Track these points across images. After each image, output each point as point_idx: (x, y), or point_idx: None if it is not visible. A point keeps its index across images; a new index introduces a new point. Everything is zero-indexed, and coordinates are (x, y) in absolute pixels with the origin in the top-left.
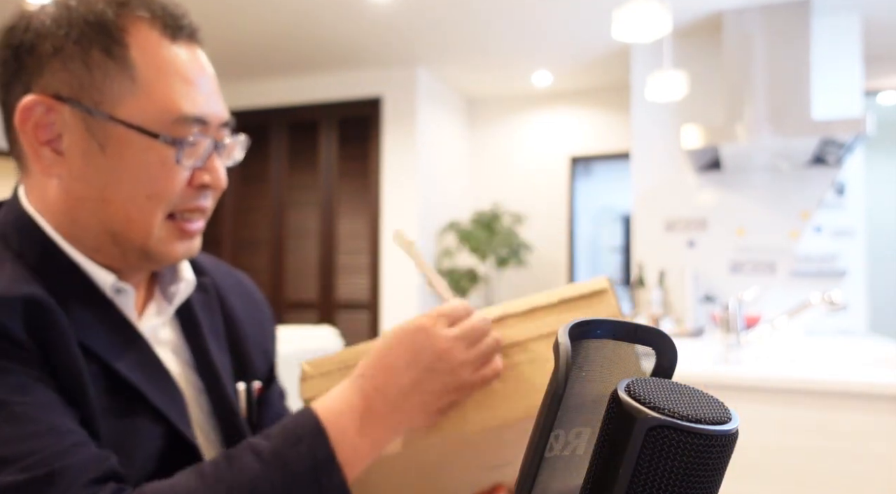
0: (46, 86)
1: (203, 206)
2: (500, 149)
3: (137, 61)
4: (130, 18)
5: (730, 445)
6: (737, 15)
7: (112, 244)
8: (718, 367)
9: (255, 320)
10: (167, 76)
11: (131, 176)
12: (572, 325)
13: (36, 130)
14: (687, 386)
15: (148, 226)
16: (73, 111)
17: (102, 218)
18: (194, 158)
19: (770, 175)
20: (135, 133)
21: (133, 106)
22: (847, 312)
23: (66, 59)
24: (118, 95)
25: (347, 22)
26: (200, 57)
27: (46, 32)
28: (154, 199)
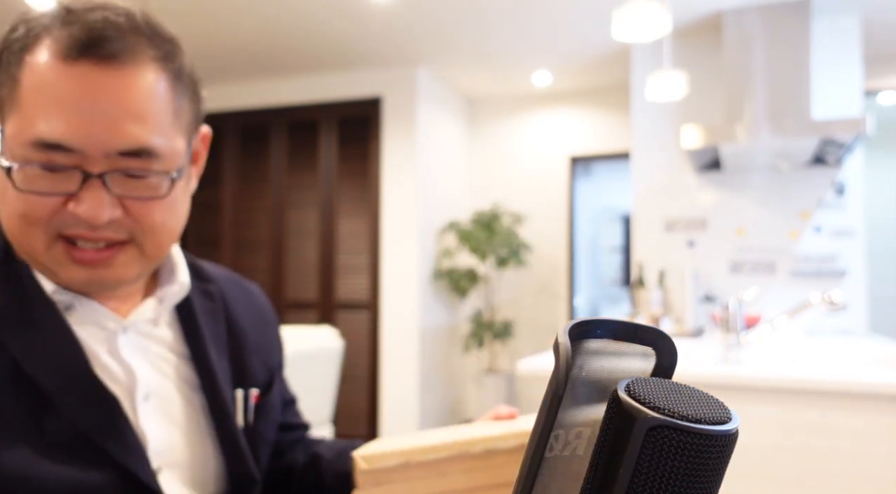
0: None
1: (91, 235)
2: (500, 149)
3: (23, 81)
4: (38, 37)
5: (730, 445)
6: (736, 15)
7: (27, 260)
8: (718, 367)
9: (260, 332)
10: (38, 97)
11: (1, 195)
12: (572, 325)
13: None
14: (687, 386)
15: (30, 246)
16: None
17: (9, 237)
18: (51, 186)
19: (770, 175)
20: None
21: (11, 125)
22: (847, 312)
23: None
24: (7, 114)
25: (347, 22)
26: (109, 80)
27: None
28: (24, 219)
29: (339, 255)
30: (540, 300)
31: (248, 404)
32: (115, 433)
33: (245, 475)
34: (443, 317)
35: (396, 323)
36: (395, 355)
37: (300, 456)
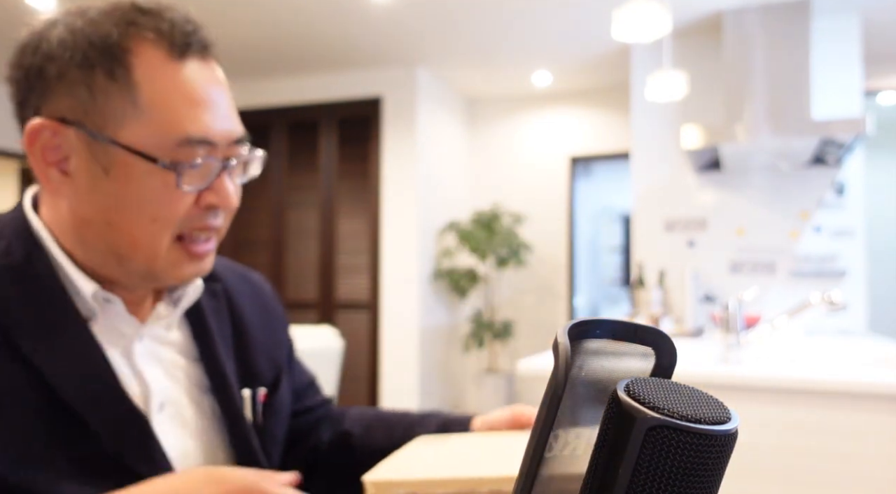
0: (53, 109)
1: (212, 225)
2: (500, 149)
3: (141, 83)
4: (136, 39)
5: (729, 445)
6: (736, 15)
7: (116, 264)
8: (718, 367)
9: (265, 328)
10: (171, 98)
11: (135, 200)
12: (571, 325)
13: (43, 152)
14: (687, 386)
15: (154, 249)
16: (79, 134)
17: (108, 240)
18: (199, 180)
19: (770, 175)
20: (136, 157)
21: (136, 129)
22: (847, 312)
23: (70, 84)
24: (121, 119)
25: (347, 22)
26: (213, 73)
27: (53, 55)
28: (158, 222)
29: (339, 255)
30: (540, 300)
31: (257, 403)
32: (143, 449)
33: None
34: (443, 317)
35: (396, 323)
36: (395, 355)
37: (325, 434)
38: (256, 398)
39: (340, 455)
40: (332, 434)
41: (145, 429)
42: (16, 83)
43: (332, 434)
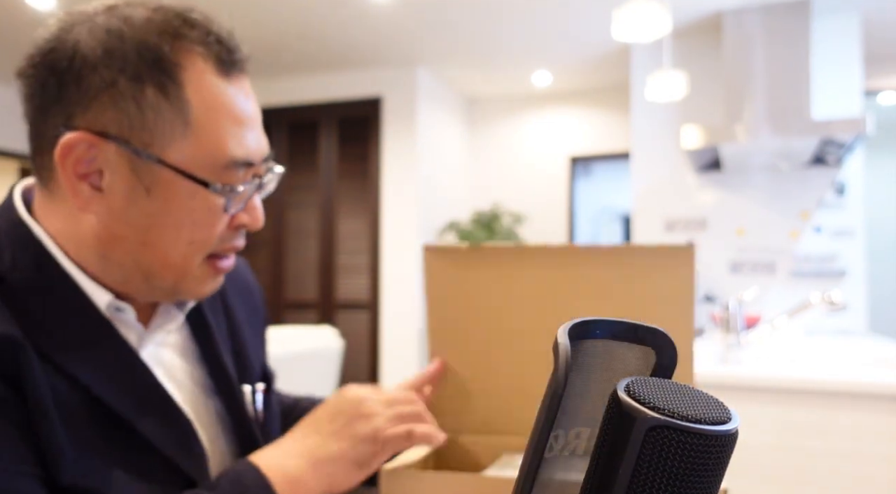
0: (93, 121)
1: (239, 246)
2: (500, 149)
3: (192, 101)
4: (185, 53)
5: (730, 445)
6: (736, 15)
7: (142, 281)
8: (718, 367)
9: (251, 316)
10: (219, 117)
11: (176, 221)
12: (572, 325)
13: (76, 165)
14: (687, 386)
15: (186, 268)
16: (119, 150)
17: (139, 258)
18: (239, 203)
19: (770, 175)
20: (183, 178)
21: (183, 149)
22: (847, 312)
23: (117, 96)
24: (169, 137)
25: (347, 22)
26: (248, 88)
27: (97, 63)
28: (195, 245)
29: (339, 255)
30: None
31: (257, 400)
32: (188, 447)
33: None
34: None
35: (396, 323)
36: (395, 355)
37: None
38: (256, 394)
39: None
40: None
41: (189, 428)
42: (39, 85)
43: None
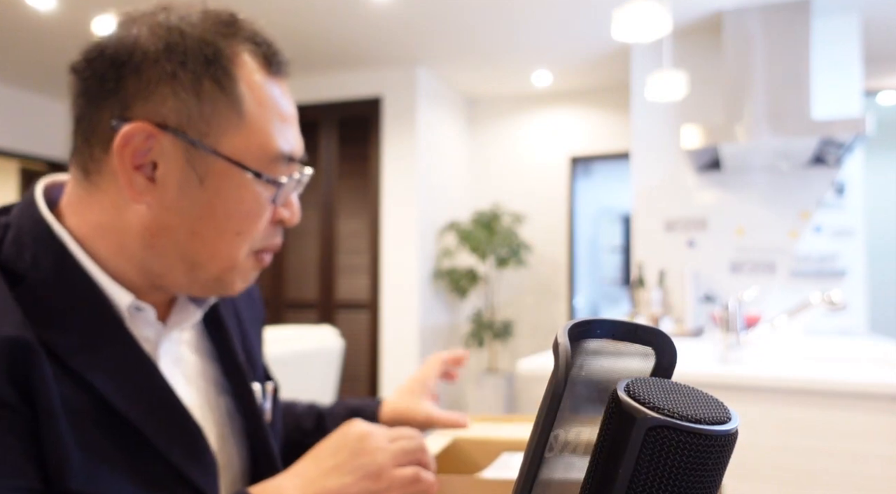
0: (152, 112)
1: (278, 244)
2: (500, 149)
3: (244, 95)
4: (237, 50)
5: (729, 445)
6: (736, 15)
7: (184, 272)
8: (718, 367)
9: (253, 320)
10: (267, 112)
11: (225, 211)
12: (572, 325)
13: (133, 156)
14: (687, 386)
15: (232, 259)
16: (175, 141)
17: (186, 249)
18: (283, 197)
19: (770, 175)
20: (235, 168)
21: (236, 141)
22: (847, 312)
23: (177, 88)
24: (224, 129)
25: (347, 22)
26: (289, 93)
27: (158, 56)
28: (242, 235)
29: (339, 255)
30: (540, 300)
31: (267, 399)
32: (198, 458)
33: (271, 474)
34: (443, 317)
35: (396, 323)
36: (395, 355)
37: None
38: (267, 392)
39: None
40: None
41: (199, 436)
42: (97, 78)
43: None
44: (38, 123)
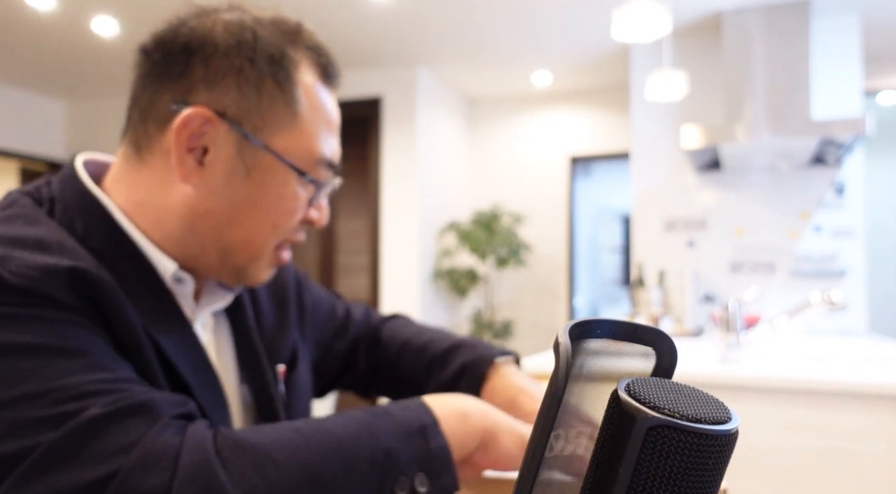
0: (215, 100)
1: (302, 239)
2: (500, 149)
3: (300, 99)
4: (300, 56)
5: (730, 445)
6: (736, 15)
7: (217, 257)
8: (718, 367)
9: (277, 305)
10: (318, 118)
11: (266, 204)
12: (572, 325)
13: (189, 138)
14: (687, 386)
15: (262, 250)
16: (230, 131)
17: (222, 234)
18: (319, 199)
19: (770, 175)
20: (281, 165)
21: (286, 140)
22: (847, 312)
23: (242, 81)
24: (277, 127)
25: (347, 22)
26: (336, 103)
27: (229, 50)
28: (276, 229)
29: (339, 255)
30: (540, 300)
31: (278, 382)
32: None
33: None
34: (443, 317)
35: None
36: None
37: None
38: (277, 376)
39: (376, 378)
40: (367, 358)
41: (227, 410)
42: (165, 61)
43: (368, 359)
44: (37, 123)
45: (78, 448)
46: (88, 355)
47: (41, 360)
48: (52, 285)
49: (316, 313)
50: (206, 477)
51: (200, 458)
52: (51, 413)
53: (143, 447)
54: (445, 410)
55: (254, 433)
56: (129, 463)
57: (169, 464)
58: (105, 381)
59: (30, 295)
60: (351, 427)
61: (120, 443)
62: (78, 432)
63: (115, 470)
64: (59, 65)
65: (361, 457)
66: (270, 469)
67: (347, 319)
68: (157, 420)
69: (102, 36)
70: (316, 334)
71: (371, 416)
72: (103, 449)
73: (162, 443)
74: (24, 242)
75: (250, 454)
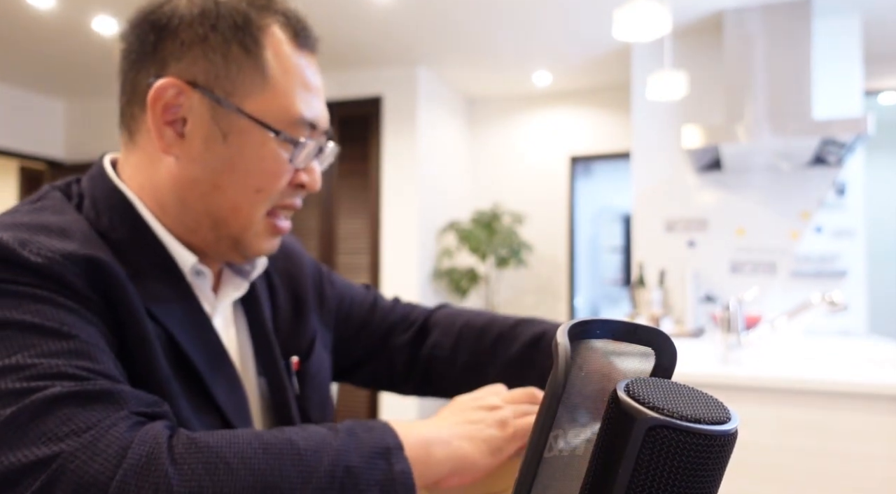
0: (183, 71)
1: (296, 205)
2: (500, 149)
3: (269, 61)
4: (267, 21)
5: (729, 445)
6: (737, 14)
7: (210, 228)
8: (718, 367)
9: (295, 290)
10: (292, 79)
11: (246, 167)
12: (572, 325)
13: (164, 111)
14: (686, 386)
15: (251, 217)
16: (203, 98)
17: (209, 202)
18: (302, 159)
19: (770, 175)
20: (257, 127)
21: (259, 102)
22: (847, 313)
23: (207, 49)
24: (248, 90)
25: (347, 21)
26: (316, 67)
27: (193, 21)
28: (261, 193)
29: (339, 255)
30: (540, 300)
31: (291, 374)
32: (245, 418)
33: None
34: None
35: None
36: None
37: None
38: (290, 367)
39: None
40: (411, 349)
41: (245, 400)
42: (139, 40)
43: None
44: (37, 123)
45: (29, 425)
46: (77, 341)
47: (32, 339)
48: (67, 269)
49: (341, 303)
50: (153, 471)
51: (150, 451)
52: (19, 387)
53: (95, 433)
54: (409, 437)
55: (213, 435)
56: (75, 447)
57: (116, 453)
58: (82, 368)
59: (43, 276)
60: (313, 440)
61: (73, 426)
62: (34, 408)
63: (60, 452)
64: (59, 64)
65: (321, 471)
66: (222, 471)
67: (373, 310)
68: (117, 411)
69: (102, 35)
70: (339, 324)
71: (335, 432)
72: (53, 429)
73: (115, 433)
74: (48, 229)
75: (204, 453)
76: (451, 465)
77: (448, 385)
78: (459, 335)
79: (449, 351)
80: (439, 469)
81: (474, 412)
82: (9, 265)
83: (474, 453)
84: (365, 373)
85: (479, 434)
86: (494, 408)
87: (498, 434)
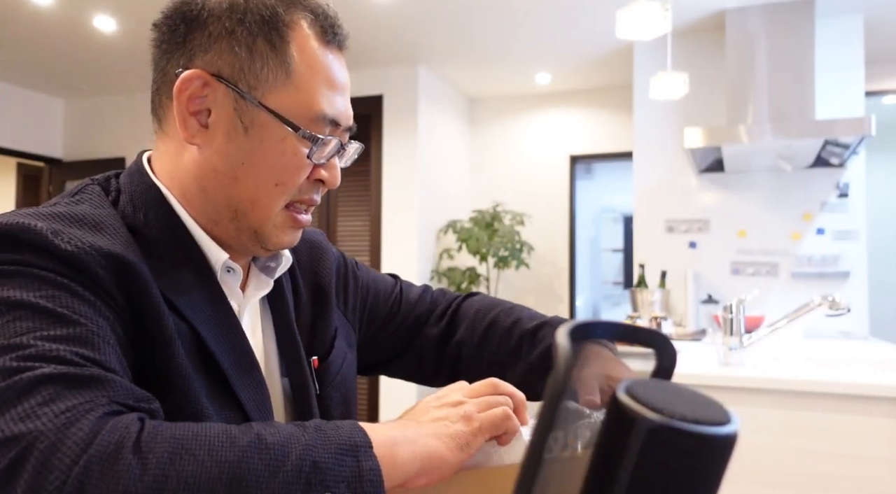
0: (209, 63)
1: (315, 200)
2: (501, 149)
3: (294, 57)
4: (295, 17)
5: (730, 447)
6: (739, 14)
7: (230, 220)
8: (719, 369)
9: (317, 287)
10: (316, 76)
11: (265, 161)
12: (572, 327)
13: (189, 101)
14: (687, 388)
15: (269, 210)
16: (227, 91)
17: (230, 194)
18: (321, 156)
19: (772, 176)
20: (277, 122)
21: (281, 97)
22: (848, 314)
23: (234, 43)
24: (271, 85)
25: (348, 21)
26: (343, 64)
27: (221, 14)
28: (280, 187)
29: None
30: (540, 300)
31: (311, 373)
32: (268, 420)
33: None
34: None
35: None
36: None
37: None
38: (311, 367)
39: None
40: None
41: (268, 402)
42: (170, 31)
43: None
44: (37, 122)
45: (12, 401)
46: (82, 329)
47: (40, 321)
48: (94, 261)
49: (366, 297)
50: (116, 459)
51: (117, 439)
52: (13, 365)
53: (70, 416)
54: (376, 436)
55: (181, 427)
56: (48, 428)
57: (84, 439)
58: (80, 356)
59: (69, 265)
60: (280, 435)
61: (53, 407)
62: (21, 386)
63: (33, 430)
64: (58, 62)
65: (288, 465)
66: (187, 462)
67: (399, 303)
68: (99, 398)
69: (102, 33)
70: (365, 318)
71: (303, 428)
72: (34, 408)
73: (90, 418)
74: (82, 222)
75: (169, 444)
76: (419, 463)
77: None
78: (485, 334)
79: (474, 349)
80: (407, 469)
81: (438, 410)
82: (39, 251)
83: (442, 449)
84: (396, 368)
85: (445, 431)
86: (458, 404)
87: (464, 428)
